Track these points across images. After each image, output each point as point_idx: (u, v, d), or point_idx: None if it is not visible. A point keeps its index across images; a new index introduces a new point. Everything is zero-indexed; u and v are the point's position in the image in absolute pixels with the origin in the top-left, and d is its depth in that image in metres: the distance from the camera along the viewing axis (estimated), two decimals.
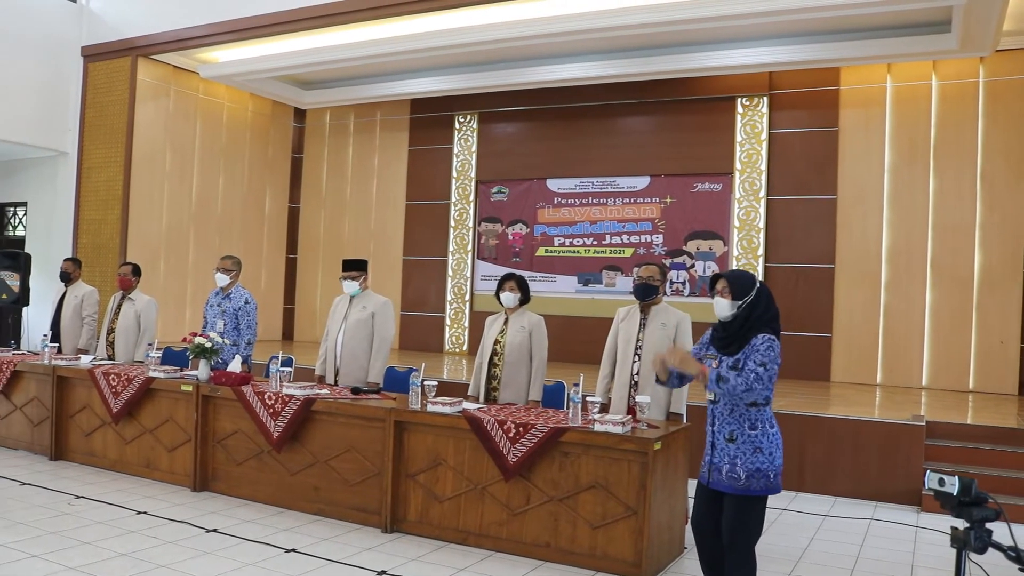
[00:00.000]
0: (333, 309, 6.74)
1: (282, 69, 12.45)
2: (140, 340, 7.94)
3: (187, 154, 13.47)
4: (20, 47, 12.33)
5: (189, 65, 13.11)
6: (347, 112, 14.84)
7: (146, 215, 12.71)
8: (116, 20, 12.83)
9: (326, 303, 14.44)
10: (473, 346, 13.18)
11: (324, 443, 5.89)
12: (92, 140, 12.81)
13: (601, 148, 12.65)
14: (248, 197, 14.50)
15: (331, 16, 10.78)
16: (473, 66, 12.29)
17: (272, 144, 14.96)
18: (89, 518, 5.72)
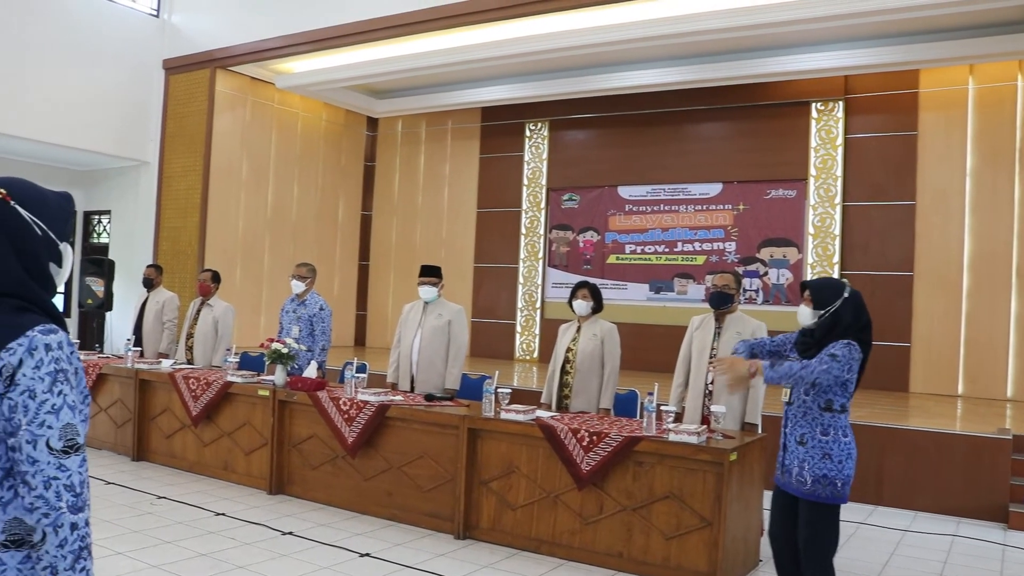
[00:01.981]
0: (404, 316, 6.80)
1: (355, 79, 12.63)
2: (218, 345, 8.11)
3: (263, 163, 13.75)
4: (105, 61, 12.74)
5: (265, 76, 13.38)
6: (419, 120, 14.98)
7: (223, 222, 13.00)
8: (196, 34, 13.17)
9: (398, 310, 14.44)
10: (543, 354, 13.19)
11: (398, 449, 5.94)
12: (172, 150, 13.17)
13: (673, 155, 12.56)
14: (322, 205, 14.73)
15: (404, 26, 10.91)
16: (544, 74, 12.31)
17: (345, 153, 15.18)
18: (170, 518, 5.86)
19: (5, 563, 1.54)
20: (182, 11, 13.50)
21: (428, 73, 12.18)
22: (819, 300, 3.95)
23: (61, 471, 1.50)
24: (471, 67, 11.71)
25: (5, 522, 1.55)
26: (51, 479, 1.50)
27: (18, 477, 1.52)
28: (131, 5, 13.33)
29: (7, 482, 1.55)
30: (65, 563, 1.50)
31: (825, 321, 3.92)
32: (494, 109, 13.85)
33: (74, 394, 1.56)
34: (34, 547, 1.54)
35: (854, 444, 3.90)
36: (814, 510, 3.84)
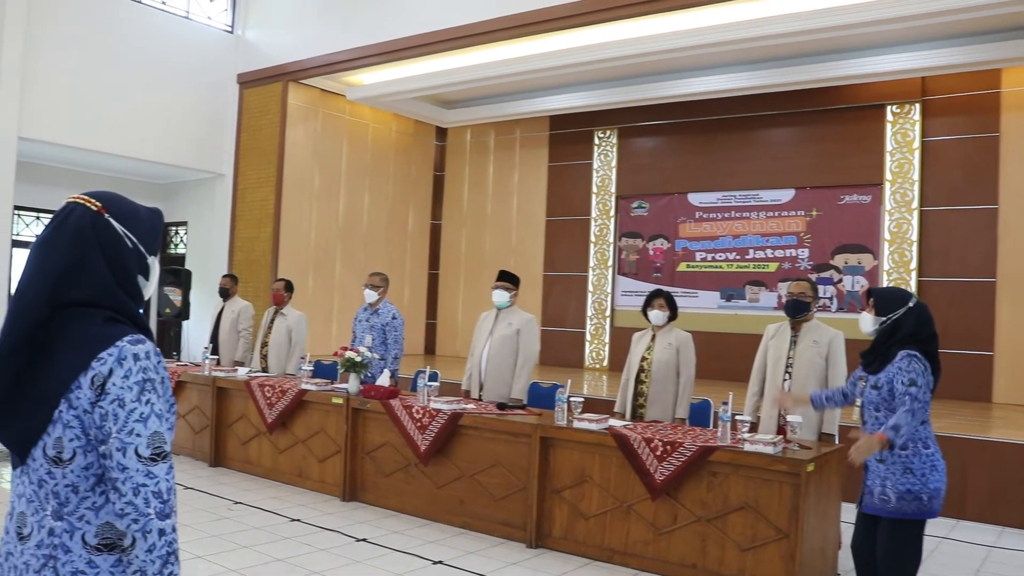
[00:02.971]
0: (478, 325, 6.82)
1: (425, 89, 12.74)
2: (291, 353, 8.23)
3: (334, 174, 13.96)
4: (182, 76, 13.10)
5: (336, 88, 13.59)
6: (487, 130, 15.05)
7: (296, 233, 13.23)
8: (269, 48, 13.45)
9: (467, 318, 14.65)
10: (613, 362, 13.12)
11: (470, 457, 5.96)
12: (247, 162, 13.45)
13: (743, 161, 12.40)
14: (392, 214, 14.89)
15: (472, 36, 10.98)
16: (612, 81, 12.27)
17: (415, 163, 15.32)
18: (246, 523, 5.96)
19: (98, 566, 1.58)
20: (256, 27, 13.80)
21: (496, 82, 12.24)
22: (882, 308, 3.88)
23: (149, 478, 1.54)
24: (539, 76, 11.72)
25: (98, 526, 1.59)
26: (140, 486, 1.53)
27: (109, 483, 1.56)
28: (207, 22, 13.68)
29: (99, 488, 1.59)
30: (154, 567, 1.54)
31: (886, 328, 3.85)
32: (562, 117, 13.84)
33: (161, 403, 1.59)
34: (125, 551, 1.57)
35: (939, 455, 3.79)
36: (896, 525, 3.75)
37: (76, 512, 1.59)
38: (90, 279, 1.63)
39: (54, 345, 1.59)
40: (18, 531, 1.64)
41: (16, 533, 1.65)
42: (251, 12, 13.87)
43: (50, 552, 1.59)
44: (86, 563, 1.58)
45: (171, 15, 13.21)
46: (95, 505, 1.59)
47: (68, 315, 1.60)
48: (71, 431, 1.56)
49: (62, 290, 1.61)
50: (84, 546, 1.58)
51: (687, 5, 9.38)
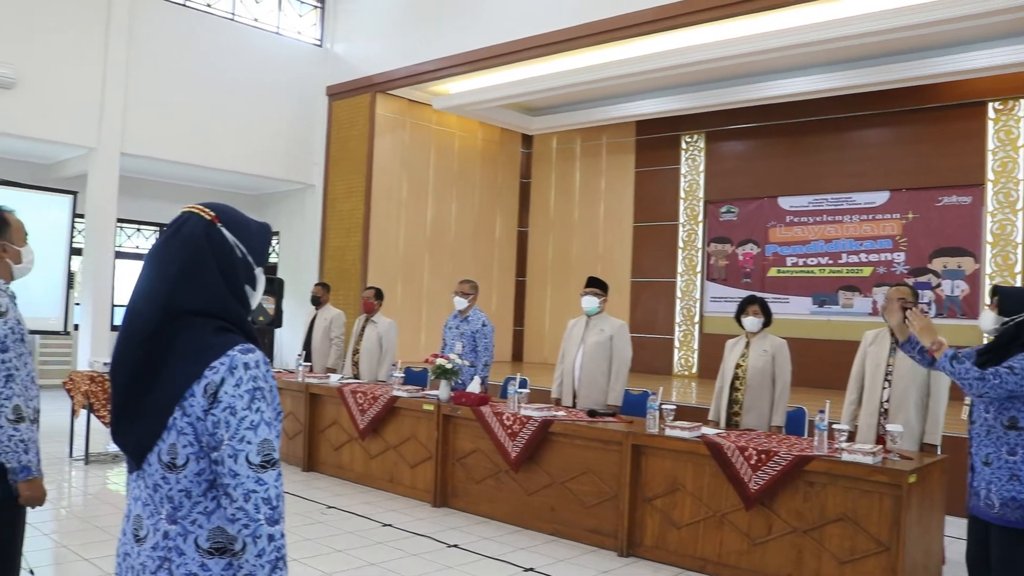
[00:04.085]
0: (568, 332, 6.80)
1: (510, 97, 12.81)
2: (382, 360, 8.34)
3: (422, 182, 14.12)
4: (274, 91, 13.46)
5: (423, 98, 13.76)
6: (573, 136, 15.04)
7: (384, 241, 13.42)
8: (357, 60, 13.70)
9: (554, 325, 14.64)
10: (703, 369, 12.96)
11: (561, 464, 5.95)
12: (336, 172, 13.71)
13: (835, 163, 12.11)
14: (479, 222, 14.99)
15: (557, 44, 10.99)
16: (699, 85, 12.15)
17: (501, 170, 15.40)
18: (340, 527, 6.06)
19: (210, 569, 1.62)
20: (343, 40, 14.08)
21: (582, 89, 12.23)
22: (1007, 307, 3.73)
23: (259, 484, 1.57)
24: (625, 81, 11.67)
25: (209, 530, 1.63)
26: (250, 492, 1.57)
27: (220, 489, 1.60)
28: (297, 37, 14.02)
29: (211, 493, 1.63)
30: (263, 572, 1.57)
31: (1008, 330, 3.70)
32: (649, 122, 13.75)
33: (270, 411, 1.63)
34: (235, 555, 1.61)
35: None
36: (1005, 535, 3.61)
37: (189, 516, 1.64)
38: (203, 287, 1.68)
39: (168, 353, 1.64)
40: (135, 533, 1.70)
41: (133, 535, 1.70)
42: (339, 26, 14.16)
43: (165, 554, 1.64)
44: (199, 566, 1.62)
45: (263, 31, 13.59)
46: (207, 510, 1.63)
47: (181, 324, 1.65)
48: (184, 438, 1.61)
49: (176, 297, 1.66)
50: (197, 549, 1.63)
51: (774, 6, 9.22)
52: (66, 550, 5.34)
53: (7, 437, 3.00)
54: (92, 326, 12.09)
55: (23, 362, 3.11)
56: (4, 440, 3.00)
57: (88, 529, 5.84)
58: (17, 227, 3.26)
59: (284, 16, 13.93)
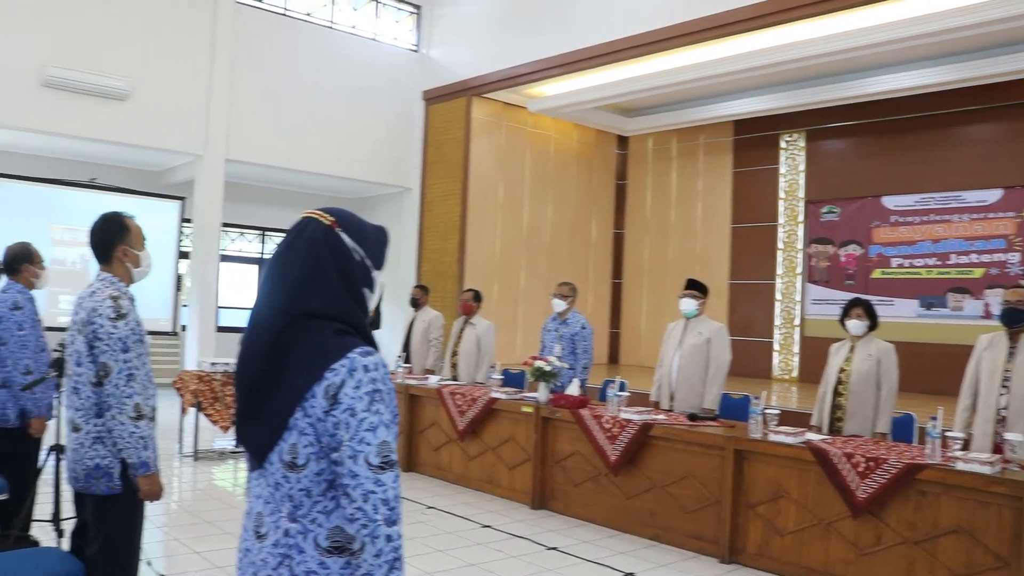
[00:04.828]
0: (667, 335, 6.73)
1: (606, 99, 12.76)
2: (480, 362, 8.38)
3: (518, 185, 14.18)
4: (371, 96, 13.71)
5: (518, 101, 13.81)
6: (669, 137, 14.89)
7: (481, 243, 13.52)
8: (452, 64, 13.83)
9: (651, 327, 14.53)
10: (804, 373, 12.68)
11: (661, 468, 5.89)
12: (433, 176, 13.88)
13: (942, 160, 11.69)
14: (575, 224, 14.97)
15: (652, 44, 10.90)
16: (798, 82, 11.88)
17: (596, 172, 15.35)
18: (439, 527, 6.12)
19: (329, 567, 1.65)
20: (439, 45, 14.24)
21: (678, 89, 12.10)
22: None
23: (378, 485, 1.59)
24: (722, 80, 11.50)
25: (328, 529, 1.66)
26: (369, 493, 1.59)
27: (340, 489, 1.63)
28: (393, 43, 14.24)
29: (330, 493, 1.66)
30: (380, 572, 1.59)
31: None
32: (747, 122, 13.52)
33: (388, 413, 1.65)
34: (354, 555, 1.63)
35: None
36: None
37: (309, 515, 1.67)
38: (323, 290, 1.71)
39: (289, 356, 1.67)
40: (256, 530, 1.74)
41: (254, 532, 1.74)
42: (435, 31, 14.32)
43: (285, 551, 1.67)
44: (318, 564, 1.65)
45: (360, 38, 13.85)
46: (326, 509, 1.66)
47: (302, 326, 1.68)
48: (305, 438, 1.64)
49: (297, 301, 1.70)
50: (316, 548, 1.66)
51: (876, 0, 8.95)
52: (177, 543, 5.52)
53: (128, 434, 3.12)
54: (199, 327, 12.51)
55: (142, 362, 3.23)
56: (125, 436, 3.12)
57: (198, 523, 6.02)
58: (137, 232, 3.39)
59: (381, 23, 14.16)
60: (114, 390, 3.12)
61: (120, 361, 3.13)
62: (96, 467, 3.17)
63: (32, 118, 10.90)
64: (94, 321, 3.15)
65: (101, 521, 3.22)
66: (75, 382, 3.22)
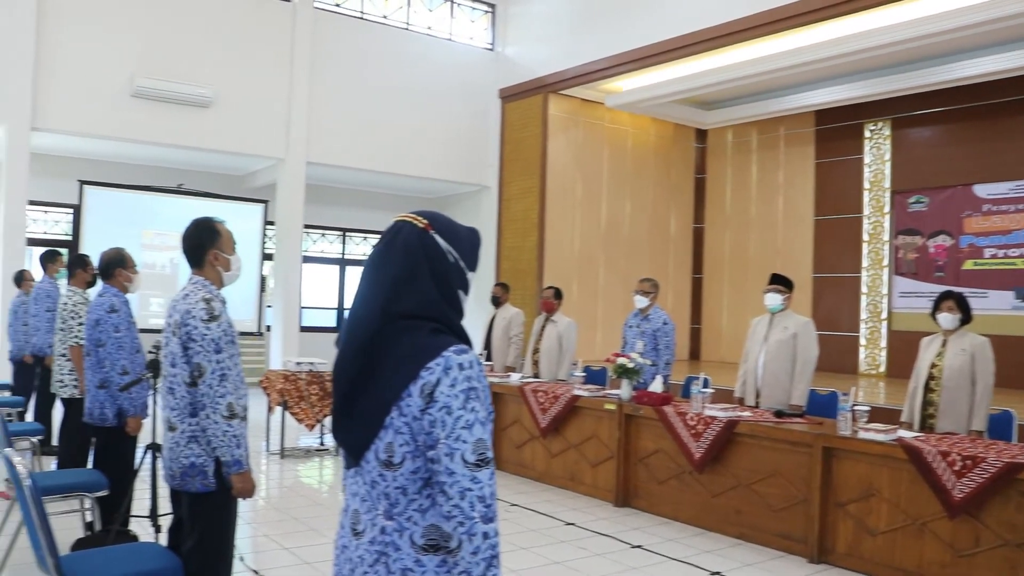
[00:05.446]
0: (752, 330, 6.62)
1: (684, 92, 12.61)
2: (562, 359, 8.37)
3: (595, 181, 14.13)
4: (448, 96, 13.81)
5: (595, 97, 13.75)
6: (749, 129, 14.66)
7: (559, 240, 13.51)
8: (528, 62, 13.84)
9: (732, 323, 14.34)
10: (891, 368, 12.37)
11: (747, 466, 5.79)
12: (510, 174, 13.91)
13: None
14: (653, 219, 14.86)
15: (730, 35, 10.75)
16: (882, 69, 11.56)
17: (675, 166, 15.20)
18: (523, 525, 6.12)
19: (425, 565, 1.67)
20: (515, 43, 14.26)
21: (758, 80, 11.91)
22: None
23: (474, 483, 1.60)
24: (803, 70, 11.25)
25: (424, 527, 1.67)
26: (465, 490, 1.60)
27: (436, 487, 1.64)
28: (469, 42, 14.32)
29: (426, 491, 1.67)
30: (478, 569, 1.60)
31: None
32: (829, 111, 13.22)
33: (483, 411, 1.66)
34: (450, 552, 1.64)
35: None
36: None
37: (404, 513, 1.68)
38: (418, 292, 1.73)
39: (386, 356, 1.69)
40: (353, 527, 1.77)
41: (351, 529, 1.77)
42: (510, 29, 14.36)
43: (382, 549, 1.69)
44: (414, 561, 1.67)
45: (436, 39, 13.97)
46: (422, 507, 1.68)
47: (398, 326, 1.71)
48: (401, 437, 1.66)
49: (393, 302, 1.72)
50: (412, 545, 1.67)
51: None
52: (266, 539, 5.63)
53: (221, 432, 3.20)
54: (283, 327, 12.77)
55: (234, 363, 3.30)
56: (219, 435, 3.20)
57: (285, 520, 6.14)
58: (227, 236, 3.47)
59: (456, 23, 14.25)
60: (208, 390, 3.21)
61: (213, 362, 3.21)
62: (191, 465, 3.26)
63: (123, 128, 11.28)
64: (188, 323, 3.23)
65: (196, 518, 3.32)
66: (170, 382, 3.32)
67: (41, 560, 3.03)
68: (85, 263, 6.17)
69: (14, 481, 3.16)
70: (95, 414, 4.98)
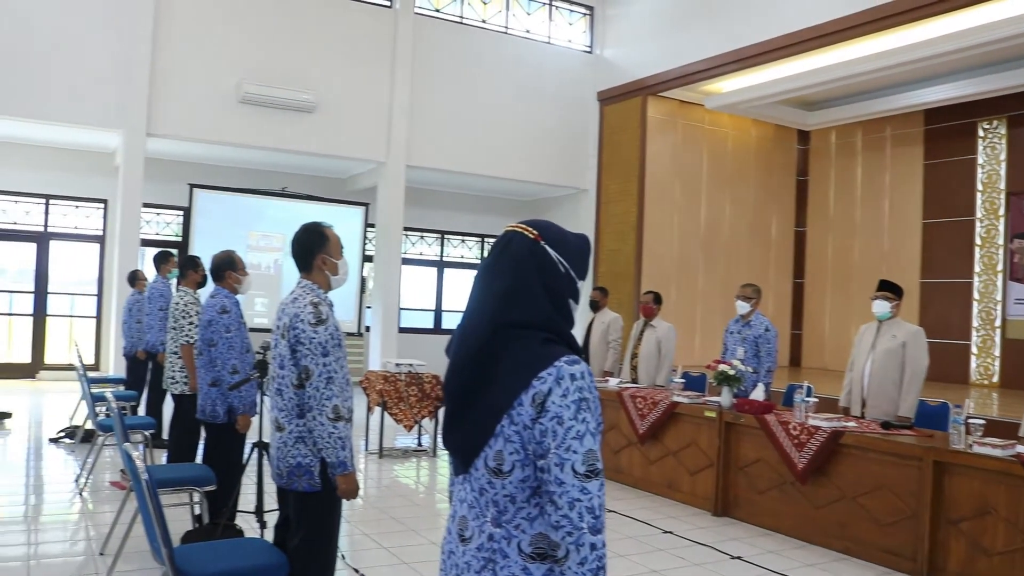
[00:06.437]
0: (859, 338, 6.43)
1: (786, 92, 12.35)
2: (661, 365, 8.28)
3: (694, 184, 13.96)
4: (546, 99, 13.84)
5: (694, 98, 13.59)
6: (854, 130, 14.27)
7: (658, 244, 13.38)
8: (627, 64, 13.76)
9: (835, 329, 13.99)
10: (1005, 378, 11.91)
11: (852, 478, 5.62)
12: (608, 176, 13.85)
13: None
14: (753, 222, 14.60)
15: (835, 34, 10.46)
16: (997, 65, 11.07)
17: (776, 168, 14.91)
18: (621, 532, 6.07)
19: (532, 573, 1.67)
20: (613, 45, 14.20)
21: (864, 79, 11.57)
22: None
23: (584, 494, 1.59)
24: (912, 68, 10.88)
25: (532, 536, 1.67)
26: (575, 500, 1.59)
27: (545, 496, 1.64)
28: (567, 45, 14.32)
29: (534, 500, 1.67)
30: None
31: None
32: (939, 110, 12.76)
33: (594, 421, 1.65)
34: (557, 562, 1.65)
35: None
36: None
37: (513, 521, 1.69)
38: (528, 303, 1.73)
39: (497, 364, 1.70)
40: (460, 533, 1.78)
41: (458, 535, 1.78)
42: (608, 31, 14.30)
43: (489, 556, 1.70)
44: (521, 569, 1.67)
45: (534, 42, 14.01)
46: (530, 516, 1.68)
47: (508, 335, 1.71)
48: (511, 445, 1.66)
49: (503, 312, 1.72)
50: (520, 553, 1.67)
51: None
52: (366, 538, 5.72)
53: (327, 434, 3.26)
54: (382, 328, 12.98)
55: (340, 365, 3.36)
56: (325, 437, 3.26)
57: (384, 519, 6.22)
58: (335, 241, 3.54)
59: (554, 26, 14.26)
60: (314, 392, 3.27)
61: (320, 365, 3.27)
62: (298, 465, 3.33)
63: (231, 133, 11.67)
64: (296, 326, 3.30)
65: (302, 516, 3.39)
66: (279, 384, 3.40)
67: (156, 551, 3.14)
68: (196, 264, 6.38)
69: (132, 474, 3.29)
70: (207, 411, 5.15)
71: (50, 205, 13.20)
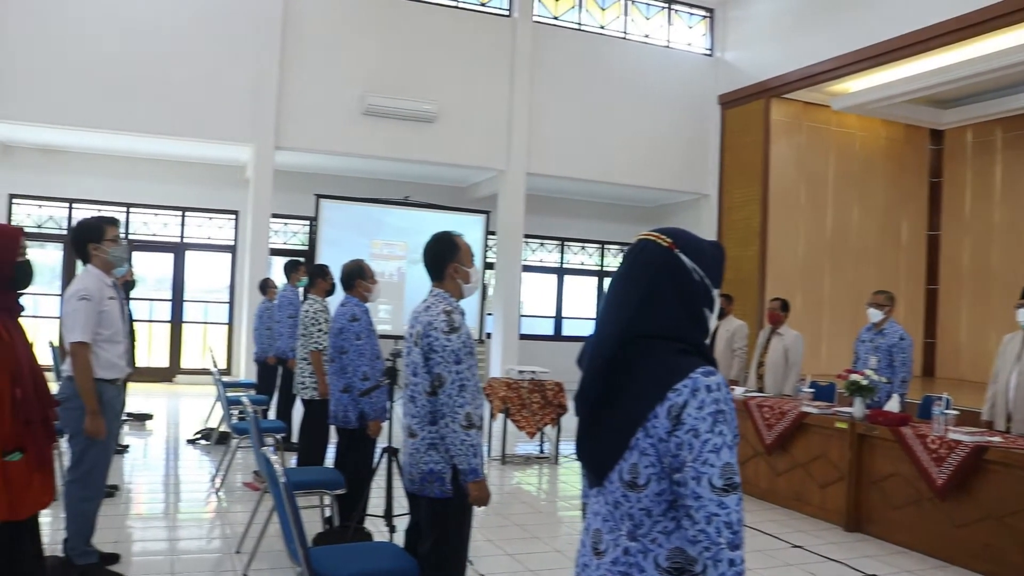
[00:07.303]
0: (1003, 348, 6.12)
1: (919, 90, 11.87)
2: (788, 374, 8.09)
3: (820, 187, 13.59)
4: (666, 103, 13.73)
5: (820, 99, 13.22)
6: (992, 128, 13.60)
7: (782, 249, 13.07)
8: (748, 66, 13.50)
9: (972, 338, 13.36)
10: None
11: (997, 496, 5.33)
12: (731, 181, 13.61)
13: None
14: (883, 226, 14.11)
15: (973, 27, 9.98)
16: None
17: (907, 170, 14.36)
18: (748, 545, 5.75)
19: None
20: (734, 47, 13.96)
21: (1003, 74, 10.99)
22: None
23: (721, 508, 1.56)
24: None
25: (669, 550, 1.64)
26: (712, 515, 1.56)
27: (681, 510, 1.61)
28: (687, 49, 14.17)
29: (670, 513, 1.64)
30: None
31: None
32: None
33: (730, 434, 1.61)
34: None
35: None
36: None
37: (649, 535, 1.66)
38: (662, 313, 1.71)
39: (631, 375, 1.68)
40: (594, 546, 1.76)
41: (592, 548, 1.77)
42: (729, 33, 14.07)
43: (625, 570, 1.68)
44: None
45: (653, 47, 13.93)
46: (666, 530, 1.65)
47: (642, 346, 1.69)
48: (646, 458, 1.63)
49: (636, 322, 1.71)
50: (656, 568, 1.65)
51: None
52: (490, 543, 5.75)
53: (459, 441, 3.29)
54: (503, 335, 13.08)
55: (472, 373, 3.39)
56: (457, 444, 3.29)
57: (507, 525, 6.25)
58: (466, 249, 3.58)
59: (674, 30, 14.13)
60: (447, 399, 3.31)
61: (452, 372, 3.31)
62: (430, 471, 3.37)
63: (355, 144, 12.02)
64: (429, 334, 3.35)
65: (433, 522, 3.43)
66: (411, 391, 3.45)
67: (293, 551, 3.24)
68: (325, 273, 6.57)
69: (269, 478, 3.40)
70: (339, 416, 5.30)
71: (186, 217, 13.84)
